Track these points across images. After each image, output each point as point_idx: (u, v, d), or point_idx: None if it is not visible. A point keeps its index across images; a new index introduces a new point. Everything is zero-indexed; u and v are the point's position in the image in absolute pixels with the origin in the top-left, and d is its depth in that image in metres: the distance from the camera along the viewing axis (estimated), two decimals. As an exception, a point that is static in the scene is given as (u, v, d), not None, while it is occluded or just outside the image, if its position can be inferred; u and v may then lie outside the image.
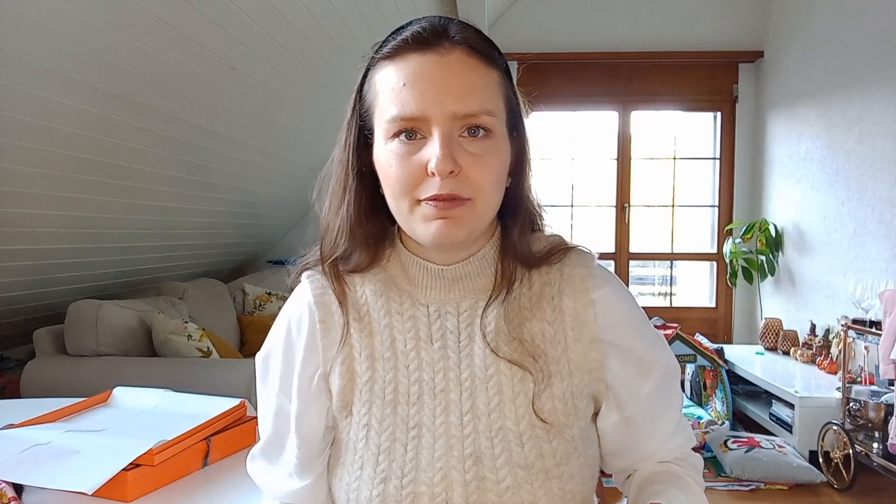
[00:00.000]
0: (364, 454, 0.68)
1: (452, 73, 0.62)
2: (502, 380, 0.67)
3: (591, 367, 0.68)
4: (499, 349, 0.67)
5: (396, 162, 0.63)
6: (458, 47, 0.63)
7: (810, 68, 3.83)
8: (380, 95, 0.65)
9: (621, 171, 4.72)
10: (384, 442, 0.67)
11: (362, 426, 0.69)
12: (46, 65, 1.70)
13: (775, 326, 3.95)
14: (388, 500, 0.66)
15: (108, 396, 1.35)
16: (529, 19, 4.59)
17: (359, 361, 0.70)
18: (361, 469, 0.68)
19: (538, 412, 0.66)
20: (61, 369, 2.49)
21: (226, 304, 3.61)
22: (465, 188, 0.62)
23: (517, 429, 0.65)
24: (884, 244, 3.14)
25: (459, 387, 0.67)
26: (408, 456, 0.66)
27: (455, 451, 0.66)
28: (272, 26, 2.31)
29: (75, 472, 0.95)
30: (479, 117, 0.62)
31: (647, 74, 4.59)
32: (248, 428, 1.24)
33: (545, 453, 0.65)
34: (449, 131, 0.61)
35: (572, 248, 0.72)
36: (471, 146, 0.62)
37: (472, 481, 0.64)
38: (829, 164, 3.64)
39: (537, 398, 0.66)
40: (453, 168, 0.61)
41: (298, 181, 4.17)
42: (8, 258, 2.27)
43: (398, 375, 0.69)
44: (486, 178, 0.63)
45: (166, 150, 2.55)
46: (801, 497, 2.70)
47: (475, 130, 0.62)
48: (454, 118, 0.61)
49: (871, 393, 2.71)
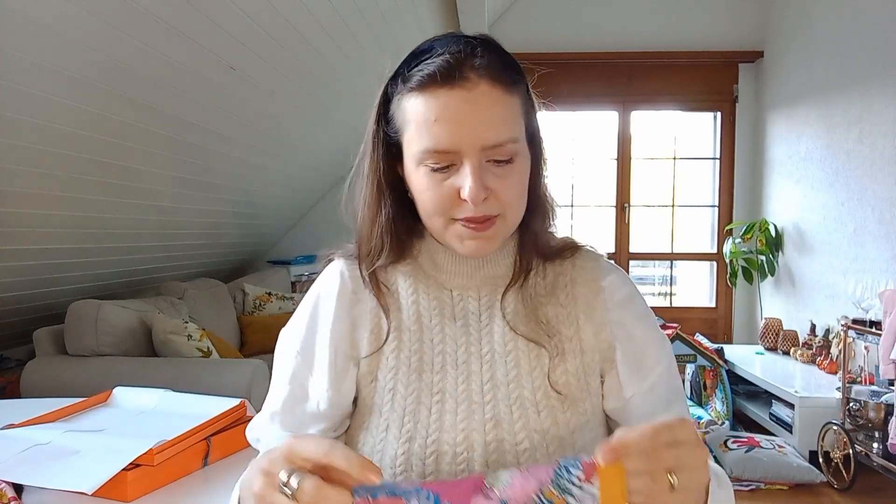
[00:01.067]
0: (390, 416, 0.73)
1: (479, 107, 0.65)
2: (520, 355, 0.73)
3: (602, 347, 0.74)
4: (517, 328, 0.73)
5: (430, 188, 0.68)
6: (483, 80, 0.66)
7: (810, 68, 3.83)
8: (410, 124, 0.68)
9: (621, 171, 4.72)
10: (409, 405, 0.72)
11: (388, 391, 0.73)
12: (46, 65, 1.70)
13: (775, 326, 3.95)
14: (412, 457, 0.70)
15: (108, 396, 1.35)
16: (529, 19, 4.59)
17: (386, 332, 0.75)
18: (387, 430, 0.72)
19: (553, 384, 0.71)
20: (61, 369, 2.49)
21: (226, 304, 3.61)
22: (494, 208, 0.68)
23: (534, 398, 0.71)
24: (884, 244, 3.14)
25: (480, 360, 0.73)
26: (432, 418, 0.71)
27: (476, 416, 0.71)
28: (272, 26, 2.31)
29: (75, 472, 0.94)
30: (505, 147, 0.67)
31: (647, 74, 4.59)
32: (249, 428, 1.23)
33: (559, 422, 0.71)
34: (479, 161, 0.66)
35: (582, 247, 0.80)
36: (497, 170, 0.68)
37: (493, 442, 0.69)
38: (829, 164, 3.64)
39: (552, 371, 0.72)
40: (486, 195, 0.66)
41: (298, 181, 4.17)
42: (8, 258, 2.27)
43: (423, 346, 0.74)
44: (513, 196, 0.69)
45: (166, 150, 2.55)
46: (801, 497, 2.70)
47: (502, 161, 0.68)
48: (483, 149, 0.66)
49: (871, 393, 2.71)
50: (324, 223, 4.78)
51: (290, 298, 3.91)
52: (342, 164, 4.45)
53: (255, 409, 1.36)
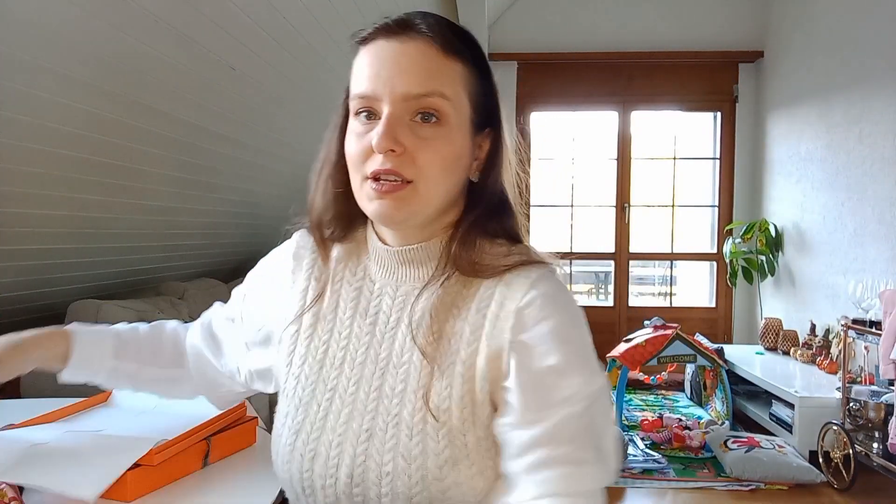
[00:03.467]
0: (289, 405, 0.73)
1: (407, 57, 0.65)
2: (411, 369, 0.68)
3: (494, 377, 0.66)
4: (416, 338, 0.69)
5: (353, 138, 0.68)
6: (422, 36, 0.65)
7: (810, 68, 3.83)
8: (352, 77, 0.69)
9: (621, 171, 4.72)
10: (305, 397, 0.72)
11: (293, 377, 0.74)
12: (46, 65, 1.70)
13: (775, 326, 3.95)
14: (296, 451, 0.70)
15: (108, 396, 1.35)
16: (529, 19, 4.59)
17: (307, 317, 0.76)
18: (286, 417, 0.73)
19: (430, 405, 0.65)
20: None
21: (226, 304, 3.60)
22: (407, 169, 0.64)
23: (411, 420, 0.66)
24: (884, 244, 3.14)
25: (375, 364, 0.70)
26: (319, 415, 0.70)
27: (355, 423, 0.68)
28: (272, 26, 2.31)
29: (76, 477, 0.94)
30: (429, 98, 0.64)
31: (647, 74, 4.59)
32: (249, 428, 1.24)
33: (429, 451, 0.64)
34: (397, 112, 0.64)
35: (536, 265, 0.69)
36: (421, 130, 0.65)
37: (361, 456, 0.67)
38: (829, 164, 3.64)
39: (434, 393, 0.66)
40: (393, 147, 0.63)
41: (298, 181, 4.16)
42: (8, 258, 2.27)
43: (331, 339, 0.74)
44: (430, 162, 0.65)
45: (166, 150, 2.55)
46: (801, 497, 2.70)
47: (427, 116, 0.65)
48: (404, 99, 0.64)
49: (871, 393, 2.71)
50: (324, 223, 4.77)
51: (290, 298, 3.91)
52: (342, 164, 4.45)
53: (254, 409, 1.36)
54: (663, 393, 4.17)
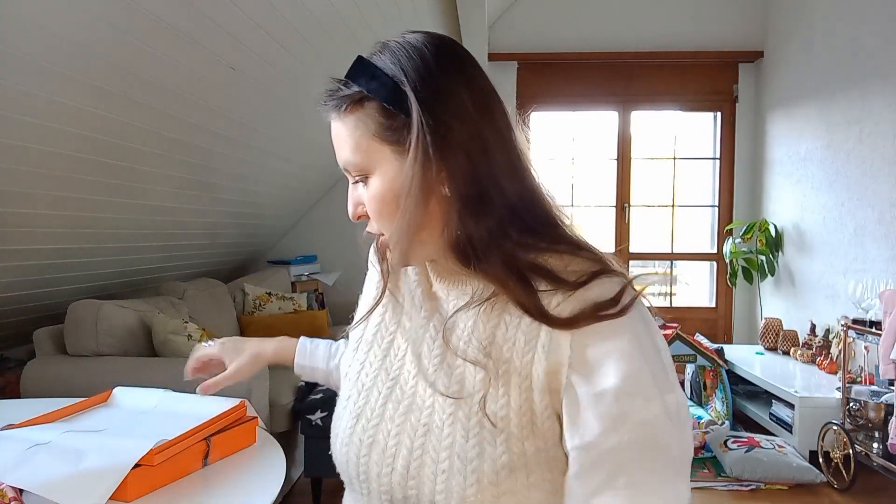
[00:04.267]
0: (352, 389, 0.76)
1: (333, 133, 0.71)
2: (466, 372, 0.67)
3: (554, 389, 0.63)
4: (467, 349, 0.68)
5: None
6: (330, 110, 0.70)
7: (810, 68, 3.83)
8: None
9: (621, 171, 4.72)
10: (367, 382, 0.74)
11: (358, 362, 0.77)
12: (46, 65, 1.70)
13: (775, 326, 3.95)
14: (355, 435, 0.71)
15: (108, 396, 1.35)
16: (529, 19, 4.59)
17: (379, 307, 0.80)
18: (347, 401, 0.75)
19: (487, 411, 0.64)
20: (61, 369, 2.49)
21: (226, 304, 3.61)
22: (372, 225, 0.72)
23: (467, 422, 0.65)
24: (884, 244, 3.14)
25: (429, 360, 0.70)
26: (378, 402, 0.72)
27: (413, 416, 0.68)
28: (272, 26, 2.31)
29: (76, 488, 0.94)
30: (348, 169, 0.71)
31: (647, 74, 4.59)
32: (249, 428, 1.24)
33: (486, 455, 0.63)
34: (351, 183, 0.72)
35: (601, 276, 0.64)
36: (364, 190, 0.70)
37: (418, 450, 0.66)
38: (829, 164, 3.64)
39: (490, 399, 0.65)
40: (356, 213, 0.72)
41: (298, 181, 4.17)
42: (8, 258, 2.27)
43: (398, 330, 0.76)
44: (374, 214, 0.69)
45: (166, 150, 2.55)
46: (801, 497, 2.70)
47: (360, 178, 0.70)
48: (345, 171, 0.72)
49: (871, 393, 2.71)
50: (324, 223, 4.78)
51: (290, 298, 3.91)
52: (342, 164, 4.45)
53: (255, 409, 1.36)
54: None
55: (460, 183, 0.65)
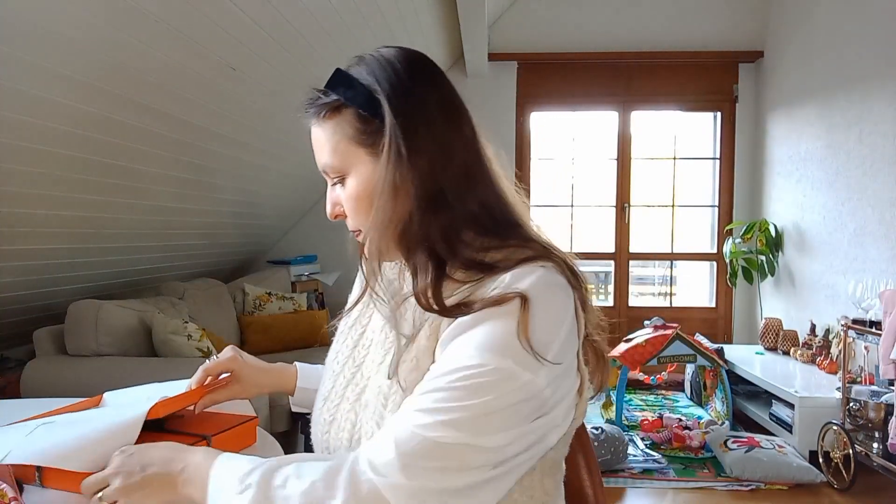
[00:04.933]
0: (326, 374, 0.84)
1: (313, 138, 0.78)
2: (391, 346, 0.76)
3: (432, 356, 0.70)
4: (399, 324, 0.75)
5: None
6: (310, 116, 0.76)
7: (810, 68, 3.83)
8: None
9: (621, 171, 4.72)
10: (336, 368, 0.82)
11: (333, 351, 0.86)
12: (46, 65, 1.70)
13: (775, 326, 3.95)
14: (320, 415, 0.80)
15: (100, 400, 1.36)
16: (529, 19, 4.58)
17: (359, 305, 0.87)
18: (321, 385, 0.84)
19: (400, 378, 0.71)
20: (61, 369, 2.49)
21: (226, 304, 3.61)
22: (350, 224, 0.78)
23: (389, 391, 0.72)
24: (884, 244, 3.14)
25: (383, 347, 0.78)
26: (341, 385, 0.79)
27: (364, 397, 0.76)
28: (272, 26, 2.31)
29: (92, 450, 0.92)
30: (326, 172, 0.77)
31: (647, 74, 4.59)
32: (249, 427, 1.24)
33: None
34: (329, 185, 0.79)
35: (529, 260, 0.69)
36: (341, 191, 0.77)
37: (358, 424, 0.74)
38: (829, 164, 3.64)
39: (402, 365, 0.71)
40: (334, 212, 0.79)
41: (298, 181, 4.17)
42: (8, 258, 2.27)
43: (368, 323, 0.84)
44: (351, 213, 0.76)
45: (166, 150, 2.55)
46: (801, 497, 2.70)
47: (337, 179, 0.77)
48: (323, 174, 0.78)
49: (871, 393, 2.71)
50: (324, 223, 4.76)
51: (290, 298, 3.91)
52: (342, 164, 4.44)
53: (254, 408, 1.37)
54: (663, 393, 4.17)
55: (423, 183, 0.70)
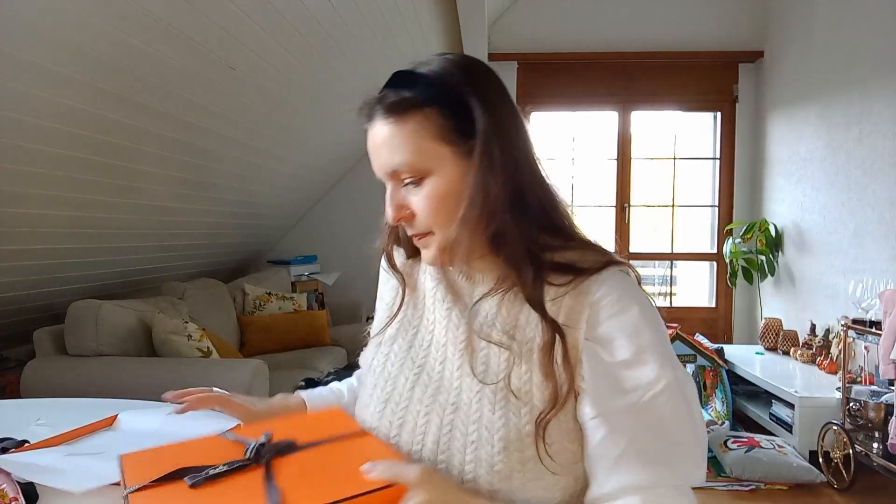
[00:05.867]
0: (378, 378, 0.82)
1: (376, 137, 0.75)
2: (490, 353, 0.75)
3: (572, 366, 0.71)
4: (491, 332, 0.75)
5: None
6: (377, 116, 0.75)
7: (810, 68, 3.83)
8: None
9: (621, 171, 4.71)
10: (394, 371, 0.81)
11: (383, 355, 0.84)
12: (46, 64, 1.70)
13: (775, 326, 3.95)
14: (384, 418, 0.78)
15: (113, 420, 1.36)
16: (529, 19, 4.58)
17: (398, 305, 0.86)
18: (373, 388, 0.82)
19: (512, 387, 0.72)
20: (61, 369, 2.49)
21: (226, 304, 3.61)
22: (421, 226, 0.75)
23: (494, 396, 0.72)
24: (884, 244, 3.14)
25: (455, 346, 0.78)
26: (406, 387, 0.79)
27: (441, 397, 0.76)
28: (272, 26, 2.31)
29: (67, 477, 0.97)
30: (399, 171, 0.73)
31: (647, 74, 4.59)
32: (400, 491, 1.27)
33: (511, 424, 0.71)
34: (393, 185, 0.76)
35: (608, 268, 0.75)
36: (412, 192, 0.74)
37: (447, 426, 0.73)
38: (829, 164, 3.64)
39: (514, 376, 0.72)
40: (399, 215, 0.75)
41: (299, 181, 4.17)
42: (8, 258, 2.27)
43: (420, 324, 0.83)
44: (431, 214, 0.74)
45: (166, 150, 2.55)
46: (801, 497, 2.70)
47: (409, 180, 0.74)
48: (389, 175, 0.75)
49: (871, 393, 2.71)
50: (324, 223, 4.78)
51: (290, 298, 3.91)
52: (342, 164, 4.45)
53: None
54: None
55: (509, 183, 0.73)
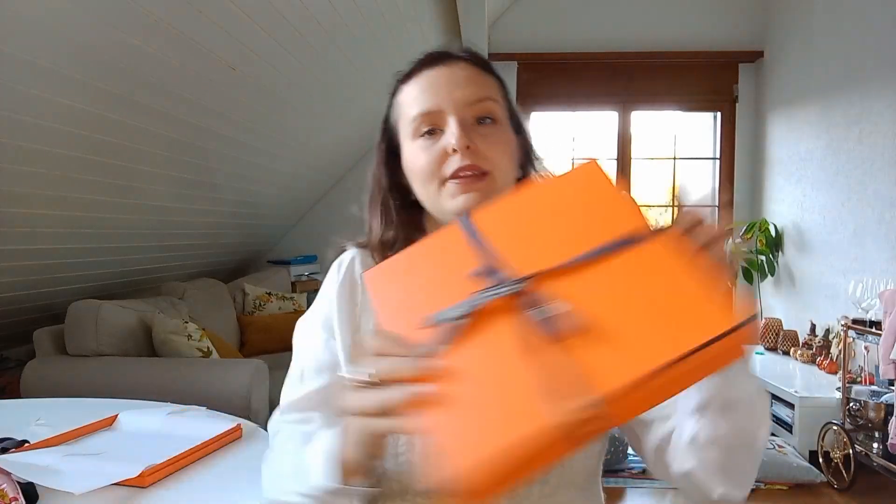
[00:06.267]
0: None
1: (457, 74, 0.75)
2: None
3: None
4: None
5: (423, 152, 0.74)
6: (462, 60, 0.76)
7: (810, 68, 3.83)
8: (403, 109, 0.77)
9: (621, 171, 4.71)
10: None
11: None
12: (46, 65, 1.70)
13: (775, 326, 3.95)
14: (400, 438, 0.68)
15: (113, 420, 1.37)
16: (529, 19, 4.58)
17: None
18: None
19: None
20: (61, 369, 2.49)
21: (226, 304, 3.61)
22: (482, 161, 0.72)
23: None
24: (884, 244, 3.14)
25: None
26: None
27: None
28: (272, 26, 2.31)
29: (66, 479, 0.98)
30: (483, 103, 0.74)
31: (647, 74, 4.59)
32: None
33: None
34: (462, 117, 0.73)
35: None
36: (482, 130, 0.73)
37: None
38: (829, 164, 3.64)
39: None
40: (469, 143, 0.71)
41: (299, 181, 4.17)
42: (8, 258, 2.27)
43: None
44: (499, 153, 0.73)
45: (166, 150, 2.55)
46: (801, 497, 2.70)
47: (483, 119, 0.74)
48: (464, 105, 0.73)
49: (871, 393, 2.71)
50: (324, 223, 4.78)
51: (290, 298, 3.91)
52: (342, 164, 4.45)
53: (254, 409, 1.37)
54: (663, 393, 4.17)
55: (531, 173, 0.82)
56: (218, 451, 1.20)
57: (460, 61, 0.76)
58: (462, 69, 0.76)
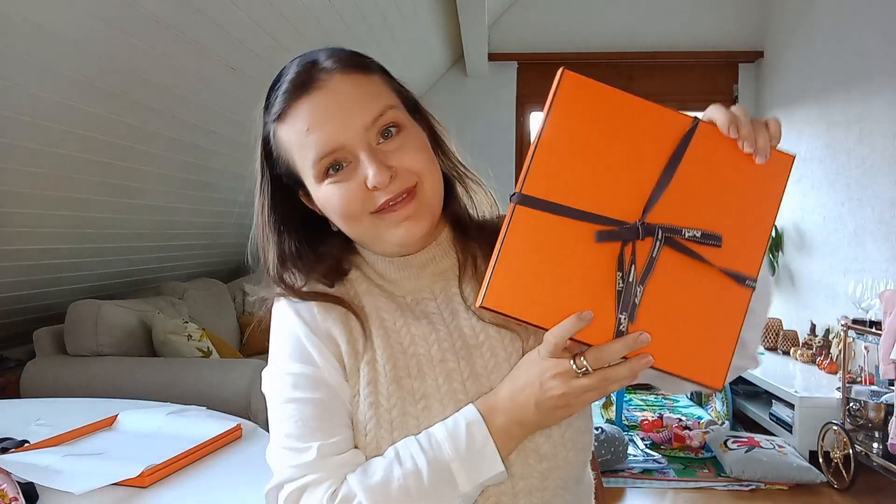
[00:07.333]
0: (377, 433, 0.68)
1: (339, 95, 0.66)
2: (494, 343, 0.71)
3: None
4: (483, 316, 0.72)
5: (337, 194, 0.67)
6: (335, 73, 0.67)
7: (810, 68, 3.83)
8: (292, 150, 0.68)
9: (621, 171, 4.71)
10: (396, 417, 0.68)
11: (370, 405, 0.68)
12: (46, 66, 1.70)
13: (775, 326, 3.95)
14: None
15: (113, 421, 1.37)
16: (529, 19, 4.59)
17: (362, 342, 0.71)
18: (377, 447, 0.67)
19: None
20: (61, 369, 2.49)
21: (226, 304, 3.61)
22: (407, 179, 0.67)
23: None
24: (884, 244, 3.14)
25: (455, 355, 0.71)
26: (421, 426, 0.67)
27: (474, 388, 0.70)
28: (272, 26, 2.32)
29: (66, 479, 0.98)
30: (382, 116, 0.67)
31: (647, 74, 4.59)
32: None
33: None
34: (367, 144, 0.66)
35: None
36: (391, 145, 0.67)
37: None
38: (829, 164, 3.64)
39: (525, 351, 0.69)
40: (389, 172, 0.65)
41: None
42: (8, 258, 2.28)
43: (394, 352, 0.71)
44: (417, 159, 0.68)
45: (166, 149, 2.55)
46: (801, 497, 2.70)
47: (387, 132, 0.67)
48: (364, 130, 0.66)
49: (871, 393, 2.71)
50: (324, 223, 4.77)
51: (290, 298, 3.91)
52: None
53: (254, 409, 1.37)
54: (663, 393, 4.17)
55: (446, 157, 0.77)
56: (218, 451, 1.20)
57: (333, 75, 0.66)
58: (340, 83, 0.66)
